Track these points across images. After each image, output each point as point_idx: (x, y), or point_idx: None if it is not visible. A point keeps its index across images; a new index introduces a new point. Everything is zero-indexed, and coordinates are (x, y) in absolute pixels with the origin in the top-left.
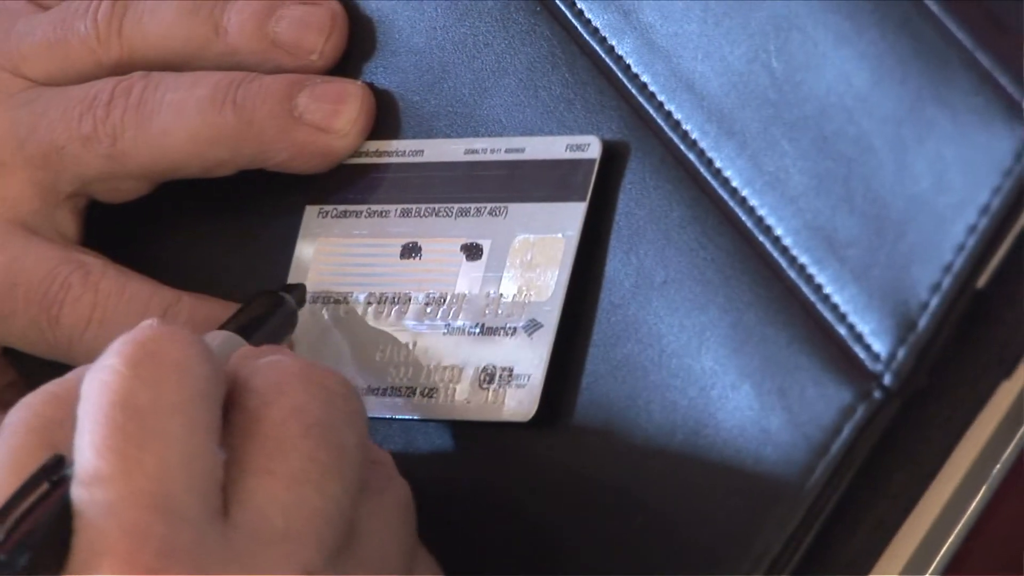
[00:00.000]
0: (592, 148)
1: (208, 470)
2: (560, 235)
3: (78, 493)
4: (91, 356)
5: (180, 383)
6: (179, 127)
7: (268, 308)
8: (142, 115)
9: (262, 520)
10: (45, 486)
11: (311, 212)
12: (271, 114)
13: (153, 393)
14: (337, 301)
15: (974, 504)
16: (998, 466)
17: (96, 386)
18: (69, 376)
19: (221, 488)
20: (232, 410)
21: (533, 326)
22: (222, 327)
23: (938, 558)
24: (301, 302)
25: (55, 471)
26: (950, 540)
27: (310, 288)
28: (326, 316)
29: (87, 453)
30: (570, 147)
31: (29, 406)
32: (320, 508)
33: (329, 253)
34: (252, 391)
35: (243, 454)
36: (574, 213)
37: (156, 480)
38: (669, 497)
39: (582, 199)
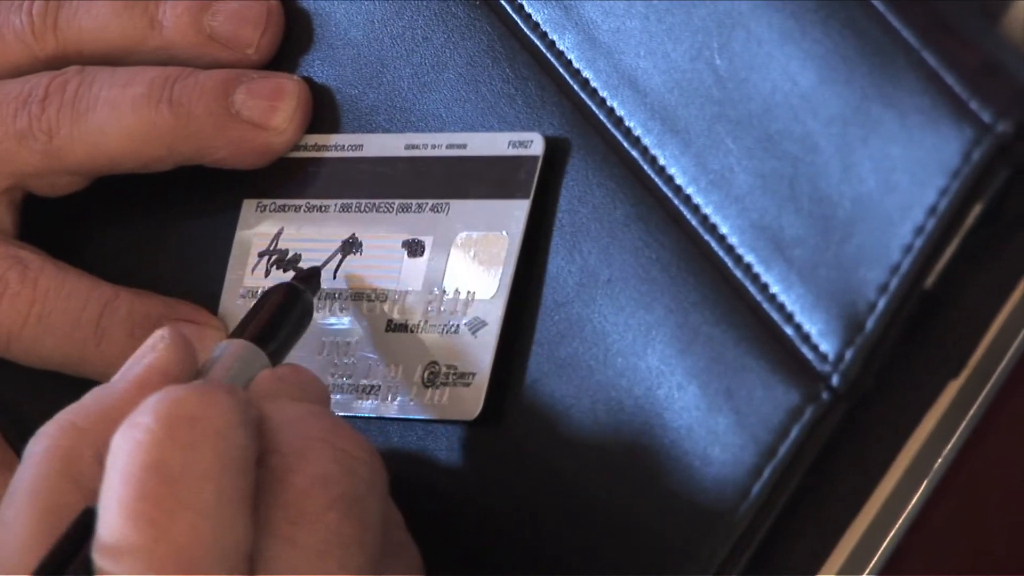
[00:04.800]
0: (535, 145)
1: (237, 541)
2: (503, 233)
3: (102, 559)
4: (30, 353)
5: (216, 450)
6: (115, 124)
7: (284, 305)
8: (77, 112)
9: None
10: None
11: (249, 206)
12: (208, 111)
13: (187, 459)
14: None
15: (914, 501)
16: (939, 461)
17: (129, 444)
18: (87, 403)
19: (249, 556)
20: (256, 465)
21: (477, 324)
22: (237, 332)
23: (878, 555)
24: (316, 290)
25: (86, 529)
26: (890, 537)
27: (247, 284)
28: None
29: (114, 515)
30: (513, 144)
31: (49, 436)
32: None
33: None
34: (276, 451)
35: (267, 518)
36: (518, 210)
37: (184, 551)
38: (615, 498)
39: (526, 196)
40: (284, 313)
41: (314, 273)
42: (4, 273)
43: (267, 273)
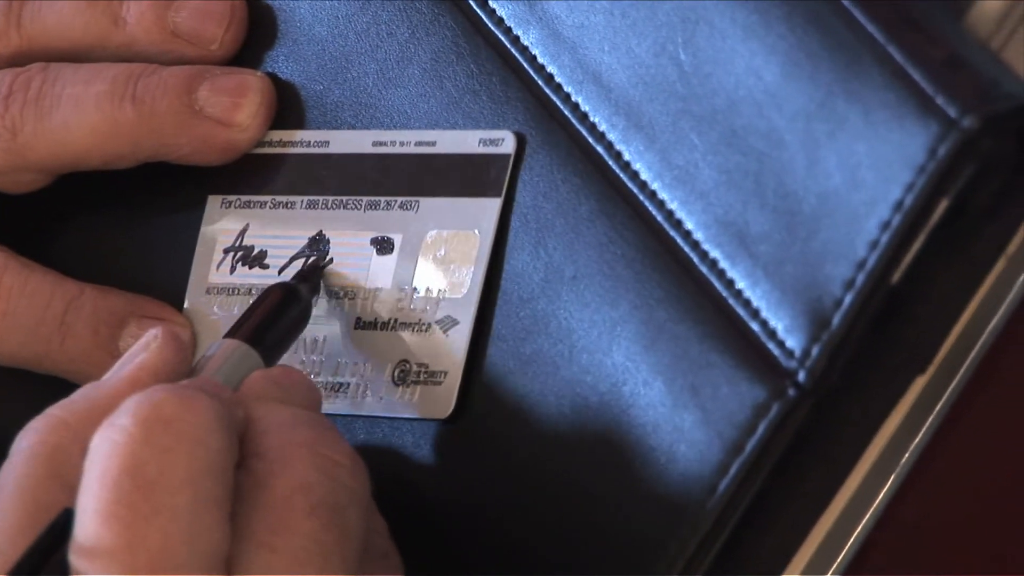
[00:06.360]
0: (506, 143)
1: (213, 547)
2: (475, 231)
3: (78, 560)
4: None
5: (193, 455)
6: (79, 122)
7: (279, 305)
8: (41, 109)
9: None
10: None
11: (214, 202)
12: (171, 108)
13: (164, 463)
14: (242, 294)
15: (880, 497)
16: (906, 456)
17: (106, 446)
18: (77, 400)
19: (225, 561)
20: (238, 469)
21: (449, 322)
22: (232, 331)
23: (844, 550)
24: (315, 289)
25: (64, 530)
26: (856, 532)
27: (212, 280)
28: (235, 309)
29: (91, 518)
30: (483, 141)
31: (36, 432)
32: None
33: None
34: (259, 456)
35: (246, 523)
36: (489, 209)
37: (159, 556)
38: (581, 496)
39: (497, 195)
40: (279, 313)
41: (314, 272)
42: None
43: (232, 269)
